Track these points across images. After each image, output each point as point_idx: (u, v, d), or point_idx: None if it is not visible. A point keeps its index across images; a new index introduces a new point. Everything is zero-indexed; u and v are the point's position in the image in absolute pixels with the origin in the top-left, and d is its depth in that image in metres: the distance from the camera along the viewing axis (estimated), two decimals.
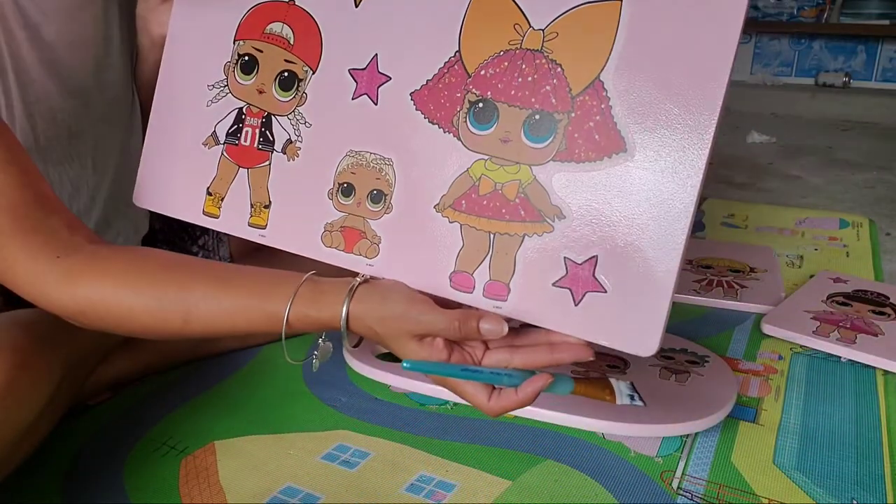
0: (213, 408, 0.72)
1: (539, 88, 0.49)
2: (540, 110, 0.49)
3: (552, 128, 0.48)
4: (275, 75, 0.59)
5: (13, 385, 0.55)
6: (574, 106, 0.48)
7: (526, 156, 0.49)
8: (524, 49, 0.49)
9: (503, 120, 0.50)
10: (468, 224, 0.51)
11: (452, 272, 0.52)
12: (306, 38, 0.58)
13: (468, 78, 0.51)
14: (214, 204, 0.62)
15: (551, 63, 0.48)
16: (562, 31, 0.48)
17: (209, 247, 0.90)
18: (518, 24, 0.49)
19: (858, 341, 0.83)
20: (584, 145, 0.48)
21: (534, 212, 0.49)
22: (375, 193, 0.55)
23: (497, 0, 0.50)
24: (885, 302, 0.94)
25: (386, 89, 0.54)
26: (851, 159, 1.79)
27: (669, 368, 0.75)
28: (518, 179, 0.50)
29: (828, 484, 0.61)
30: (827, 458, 0.65)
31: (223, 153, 0.62)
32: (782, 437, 0.68)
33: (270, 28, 0.59)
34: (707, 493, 0.61)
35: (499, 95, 0.50)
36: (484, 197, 0.51)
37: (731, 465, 0.64)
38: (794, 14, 2.53)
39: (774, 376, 0.78)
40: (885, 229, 1.29)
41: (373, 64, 0.55)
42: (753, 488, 0.61)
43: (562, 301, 0.48)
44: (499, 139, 0.50)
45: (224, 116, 0.62)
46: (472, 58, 0.51)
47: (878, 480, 0.62)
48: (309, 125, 0.58)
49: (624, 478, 0.61)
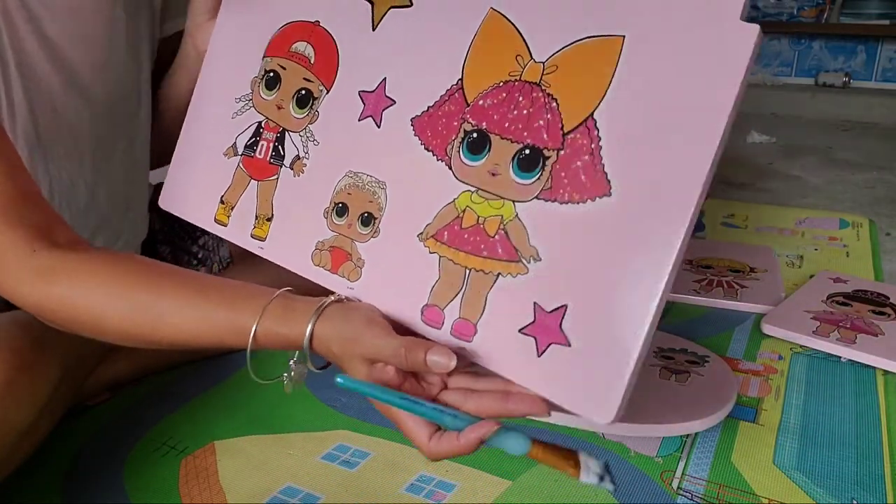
0: (213, 408, 0.73)
1: (533, 122, 0.48)
2: (531, 145, 0.48)
3: (540, 164, 0.47)
4: (293, 92, 0.60)
5: (12, 385, 0.55)
6: (565, 143, 0.46)
7: (512, 191, 0.48)
8: (523, 81, 0.48)
9: (494, 152, 0.49)
10: (447, 257, 0.50)
11: (425, 305, 0.51)
12: (325, 57, 0.59)
13: (467, 107, 0.50)
14: (225, 212, 0.64)
15: (547, 97, 0.47)
16: (562, 64, 0.47)
17: (209, 247, 0.90)
18: (520, 55, 0.49)
19: (858, 341, 0.83)
20: (570, 185, 0.46)
21: (511, 250, 0.48)
22: (366, 216, 0.55)
23: (502, 30, 0.50)
24: (885, 302, 0.94)
25: (390, 113, 0.54)
26: (851, 159, 1.79)
27: (669, 368, 0.75)
28: (501, 215, 0.49)
29: (828, 484, 0.62)
30: (827, 458, 0.65)
31: (239, 164, 0.63)
32: (782, 437, 0.68)
33: (295, 47, 0.60)
34: (707, 493, 0.61)
35: (493, 127, 0.49)
36: (466, 230, 0.50)
37: (731, 465, 0.64)
38: (794, 14, 2.53)
39: (774, 376, 0.78)
40: (885, 229, 1.29)
41: (381, 87, 0.55)
42: (753, 488, 0.61)
43: (525, 350, 0.46)
44: (488, 171, 0.49)
45: (245, 129, 0.63)
46: (472, 87, 0.51)
47: (878, 480, 0.62)
48: (317, 143, 0.59)
49: (624, 478, 0.62)
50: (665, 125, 0.43)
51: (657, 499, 0.60)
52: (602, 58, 0.46)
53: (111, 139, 0.72)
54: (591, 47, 0.46)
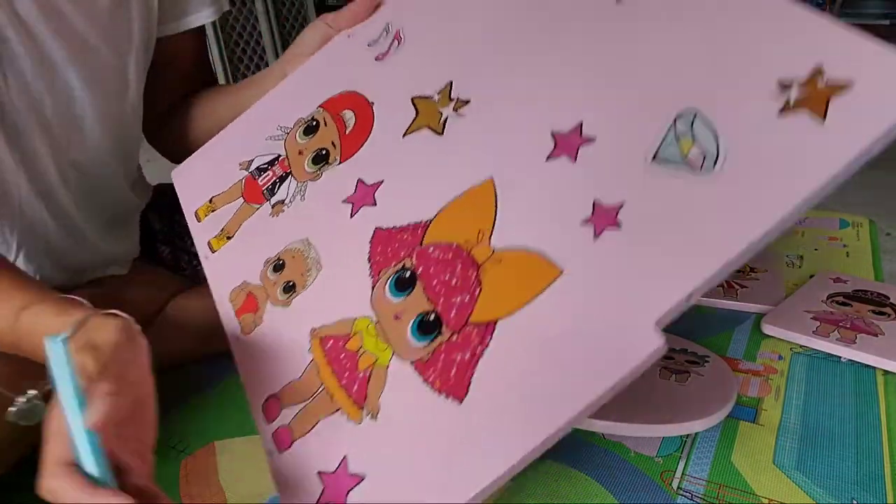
0: (213, 408, 0.72)
1: (452, 295, 0.47)
2: (438, 313, 0.47)
3: (434, 335, 0.47)
4: (316, 148, 0.62)
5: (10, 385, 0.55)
6: (462, 331, 0.46)
7: (400, 343, 0.48)
8: (470, 254, 0.48)
9: (411, 299, 0.49)
10: (316, 363, 0.50)
11: (273, 394, 0.51)
12: (356, 135, 0.60)
13: (419, 246, 0.50)
14: (206, 211, 0.66)
15: (477, 282, 0.47)
16: (506, 261, 0.47)
17: None
18: (483, 231, 0.48)
19: (858, 341, 0.83)
20: (440, 372, 0.45)
21: (363, 395, 0.48)
22: (291, 285, 0.55)
23: (484, 202, 0.49)
24: (885, 302, 0.94)
25: (366, 211, 0.55)
26: None
27: (669, 368, 0.75)
28: (377, 357, 0.48)
29: (828, 484, 0.61)
30: (827, 458, 0.65)
31: (243, 179, 0.65)
32: (782, 437, 0.68)
33: (345, 112, 0.62)
34: (707, 493, 0.61)
35: (424, 277, 0.49)
36: (345, 351, 0.50)
37: (731, 465, 0.64)
38: None
39: (774, 376, 0.78)
40: (885, 229, 1.29)
41: (374, 186, 0.56)
42: (753, 488, 0.61)
43: (309, 494, 0.46)
44: (394, 313, 0.49)
45: (267, 154, 0.65)
46: (434, 232, 0.51)
47: (878, 480, 0.62)
48: (303, 199, 0.60)
49: (624, 478, 0.61)
50: (541, 372, 0.42)
51: (657, 499, 0.60)
52: (537, 276, 0.45)
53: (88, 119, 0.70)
54: (535, 262, 0.45)
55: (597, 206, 0.44)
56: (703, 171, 0.42)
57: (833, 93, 0.41)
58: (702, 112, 0.44)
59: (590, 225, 0.44)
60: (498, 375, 0.43)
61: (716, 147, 0.42)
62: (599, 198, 0.44)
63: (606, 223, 0.44)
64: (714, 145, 0.42)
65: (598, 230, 0.44)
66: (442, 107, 0.56)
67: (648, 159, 0.44)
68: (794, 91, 0.42)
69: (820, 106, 0.41)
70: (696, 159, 0.42)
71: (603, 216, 0.44)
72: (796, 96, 0.42)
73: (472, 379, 0.44)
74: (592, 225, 0.44)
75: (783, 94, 0.42)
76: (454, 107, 0.55)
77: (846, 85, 0.41)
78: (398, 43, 0.63)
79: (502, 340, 0.44)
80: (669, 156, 0.44)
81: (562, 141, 0.48)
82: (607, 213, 0.44)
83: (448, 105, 0.55)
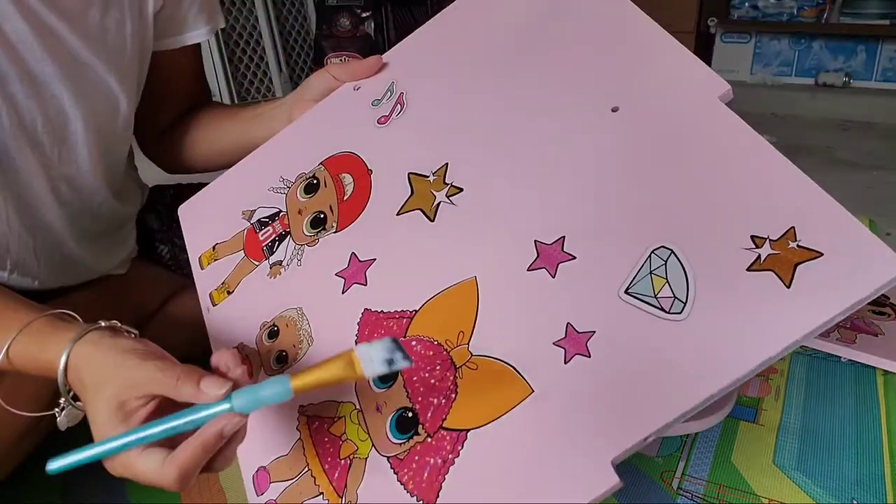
0: None
1: (431, 394, 0.49)
2: (416, 411, 0.49)
3: (411, 434, 0.48)
4: (315, 210, 0.62)
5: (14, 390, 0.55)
6: (436, 435, 0.47)
7: (379, 436, 0.50)
8: (449, 355, 0.49)
9: (391, 392, 0.50)
10: (303, 442, 0.52)
11: (262, 466, 0.53)
12: (353, 204, 0.61)
13: (403, 336, 0.52)
14: (209, 258, 0.67)
15: (453, 385, 0.48)
16: (482, 369, 0.48)
17: None
18: (463, 333, 0.50)
19: (858, 341, 0.83)
20: (413, 474, 0.47)
21: (342, 484, 0.49)
22: (283, 355, 0.57)
23: (467, 302, 0.51)
24: (885, 302, 0.94)
25: (357, 290, 0.56)
26: (851, 159, 1.79)
27: None
28: (357, 447, 0.50)
29: (828, 484, 0.62)
30: (827, 458, 0.65)
31: (245, 231, 0.66)
32: (782, 437, 0.68)
33: (344, 176, 0.62)
34: (707, 493, 0.61)
35: (405, 371, 0.50)
36: (329, 435, 0.52)
37: (731, 465, 0.64)
38: (794, 14, 2.52)
39: (774, 376, 0.78)
40: (885, 229, 1.29)
41: (367, 264, 0.57)
42: (753, 488, 0.61)
43: None
44: (376, 403, 0.50)
45: (269, 207, 0.66)
46: (418, 325, 0.52)
47: (878, 480, 0.62)
48: (299, 264, 0.60)
49: (624, 478, 0.61)
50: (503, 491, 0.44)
51: (657, 499, 0.60)
52: (509, 392, 0.46)
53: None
54: (508, 375, 0.47)
55: (569, 331, 0.46)
56: (671, 313, 0.44)
57: (801, 259, 0.42)
58: (678, 251, 0.46)
59: (561, 348, 0.46)
60: (466, 486, 0.45)
61: (685, 291, 0.44)
62: (572, 322, 0.47)
63: (576, 350, 0.46)
64: (684, 289, 0.44)
65: (568, 356, 0.46)
66: (436, 190, 0.57)
67: (622, 290, 0.46)
68: (765, 249, 0.44)
69: (787, 270, 0.42)
70: (667, 301, 0.45)
71: (574, 342, 0.46)
72: (766, 254, 0.43)
73: (443, 485, 0.46)
74: (564, 349, 0.46)
75: (755, 249, 0.44)
76: (447, 193, 0.56)
77: (816, 254, 0.42)
78: (401, 108, 0.64)
79: (472, 451, 0.46)
80: (642, 291, 0.46)
81: (544, 252, 0.50)
82: (578, 341, 0.46)
83: (442, 189, 0.57)
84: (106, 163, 0.74)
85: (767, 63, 2.66)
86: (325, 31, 2.54)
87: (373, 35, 2.52)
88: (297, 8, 2.63)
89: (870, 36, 2.45)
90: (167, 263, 0.91)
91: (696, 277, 0.44)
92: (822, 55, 2.56)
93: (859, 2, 2.42)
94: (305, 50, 2.67)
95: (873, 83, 2.49)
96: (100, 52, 0.67)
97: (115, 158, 0.76)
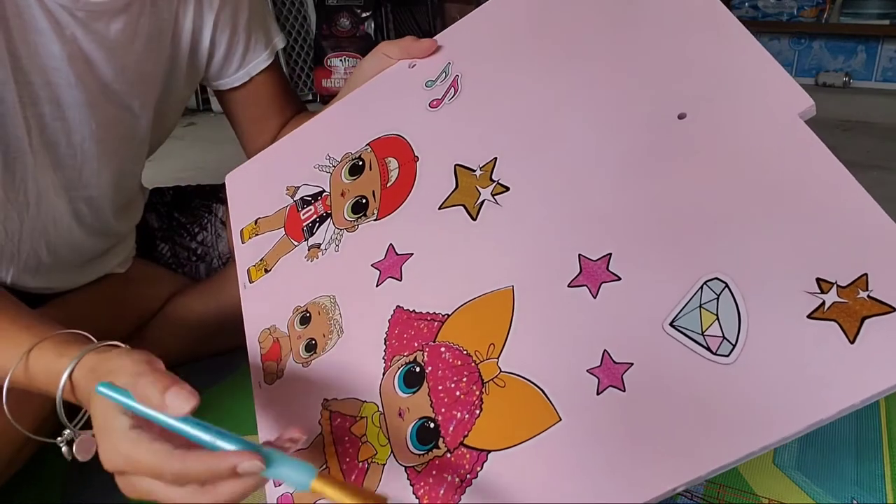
0: (214, 408, 0.73)
1: (454, 408, 0.46)
2: (438, 423, 0.47)
3: (431, 446, 0.46)
4: (358, 194, 0.60)
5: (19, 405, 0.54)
6: (456, 451, 0.45)
7: (399, 444, 0.48)
8: (478, 368, 0.47)
9: (415, 398, 0.48)
10: (324, 437, 0.51)
11: None
12: (396, 192, 0.58)
13: (433, 341, 0.49)
14: (250, 232, 0.65)
15: (479, 401, 0.46)
16: (510, 387, 0.45)
17: (208, 243, 0.91)
18: (494, 345, 0.47)
19: None
20: (430, 489, 0.45)
21: (359, 485, 0.48)
22: (313, 343, 0.55)
23: (500, 311, 0.48)
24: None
25: (390, 284, 0.54)
26: (851, 159, 1.78)
27: None
28: (377, 451, 0.48)
29: (828, 484, 0.62)
30: (827, 458, 0.65)
31: (288, 207, 0.64)
32: None
33: (389, 161, 0.60)
34: (707, 493, 0.61)
35: (432, 378, 0.48)
36: (350, 435, 0.50)
37: None
38: (794, 14, 2.53)
39: None
40: None
41: (403, 258, 0.54)
42: (753, 488, 0.61)
43: None
44: (399, 408, 0.48)
45: (313, 185, 0.64)
46: (449, 330, 0.49)
47: (878, 480, 0.62)
48: (337, 250, 0.58)
49: None
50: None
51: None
52: (536, 418, 0.43)
53: (105, 157, 0.71)
54: (536, 400, 0.44)
55: (605, 360, 0.43)
56: (718, 355, 0.40)
57: (870, 312, 0.37)
58: (732, 285, 0.41)
59: (595, 377, 0.43)
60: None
61: (736, 331, 0.40)
62: (610, 350, 0.43)
63: (610, 382, 0.42)
64: (735, 329, 0.40)
65: (601, 387, 0.42)
66: (482, 186, 0.54)
67: (667, 321, 0.42)
68: (830, 295, 0.39)
69: (853, 323, 0.38)
70: (714, 341, 0.40)
71: (609, 372, 0.43)
72: (832, 301, 0.38)
73: (460, 502, 0.44)
74: (597, 378, 0.43)
75: (820, 294, 0.39)
76: (493, 191, 0.53)
77: (888, 308, 0.37)
78: (455, 92, 0.60)
79: (491, 474, 0.44)
80: (688, 325, 0.42)
81: (588, 269, 0.46)
82: (614, 372, 0.43)
83: (488, 186, 0.54)
84: (121, 182, 0.75)
85: None
86: (325, 31, 2.54)
87: (373, 35, 2.51)
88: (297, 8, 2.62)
89: (870, 36, 2.46)
90: (167, 262, 0.91)
91: (749, 318, 0.40)
92: (822, 55, 2.57)
93: (859, 2, 2.42)
94: (305, 50, 2.67)
95: (873, 83, 2.50)
96: (132, 81, 0.68)
97: (130, 177, 0.78)
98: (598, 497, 0.40)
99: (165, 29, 0.71)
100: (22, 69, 0.59)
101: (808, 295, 0.39)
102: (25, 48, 0.59)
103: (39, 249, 0.68)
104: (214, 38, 0.77)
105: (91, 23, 0.62)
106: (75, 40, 0.62)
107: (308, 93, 2.67)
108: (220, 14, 0.76)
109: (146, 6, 0.67)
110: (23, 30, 0.58)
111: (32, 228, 0.66)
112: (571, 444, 0.42)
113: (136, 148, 0.76)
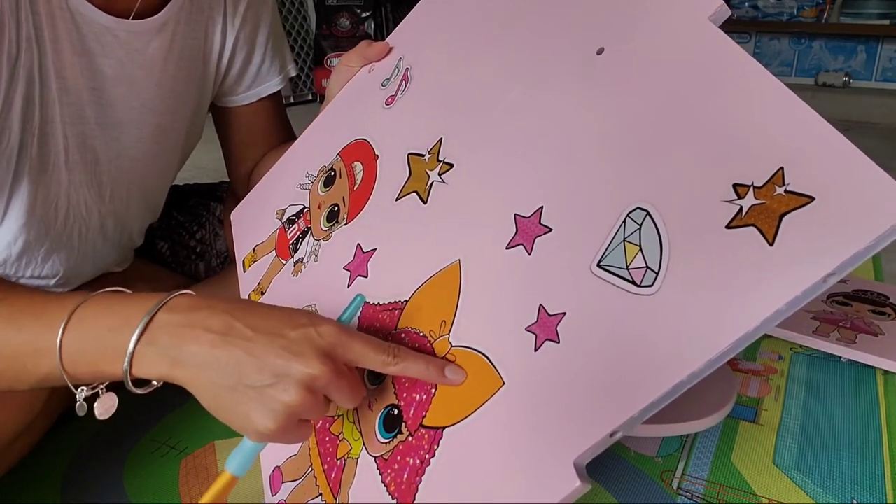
0: None
1: (414, 391, 0.46)
2: (401, 408, 0.46)
3: (395, 433, 0.46)
4: (331, 203, 0.62)
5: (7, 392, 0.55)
6: (416, 433, 0.45)
7: (370, 436, 0.48)
8: (432, 346, 0.46)
9: (381, 389, 0.49)
10: (309, 441, 0.52)
11: (277, 466, 0.53)
12: (361, 194, 0.60)
13: (395, 329, 0.50)
14: (250, 260, 0.68)
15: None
16: (460, 360, 0.45)
17: (207, 241, 0.91)
18: (445, 322, 0.47)
19: (858, 341, 0.83)
20: (395, 474, 0.45)
21: (337, 485, 0.48)
22: None
23: (449, 289, 0.48)
24: (885, 302, 0.94)
25: (360, 283, 0.55)
26: None
27: None
28: (351, 447, 0.49)
29: (828, 484, 0.61)
30: (827, 458, 0.65)
31: (277, 230, 0.67)
32: (782, 437, 0.68)
33: (354, 165, 0.62)
34: (707, 493, 0.61)
35: None
36: (329, 434, 0.51)
37: (731, 465, 0.64)
38: (794, 14, 2.53)
39: (774, 376, 0.78)
40: None
41: (368, 255, 0.55)
42: (753, 488, 0.61)
43: None
44: (368, 400, 0.49)
45: (296, 204, 0.66)
46: (407, 316, 0.49)
47: (878, 480, 0.62)
48: (316, 260, 0.60)
49: (624, 478, 0.61)
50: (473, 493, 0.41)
51: (657, 499, 0.60)
52: (482, 386, 0.42)
53: (131, 174, 0.73)
54: (482, 367, 0.43)
55: (541, 314, 0.42)
56: (643, 286, 0.38)
57: (788, 207, 0.34)
58: (654, 211, 0.39)
59: (532, 334, 0.42)
60: (439, 488, 0.43)
61: (658, 259, 0.38)
62: (544, 303, 0.42)
63: (546, 336, 0.41)
64: (657, 257, 0.38)
65: (538, 342, 0.41)
66: (430, 168, 0.54)
67: (595, 263, 0.41)
68: (747, 199, 0.36)
69: (770, 223, 0.35)
70: (638, 273, 0.39)
71: (544, 327, 0.41)
72: (749, 206, 0.36)
73: (419, 487, 0.43)
74: (534, 335, 0.42)
75: (738, 200, 0.36)
76: (439, 171, 0.53)
77: (806, 199, 0.34)
78: (405, 84, 0.61)
79: (446, 451, 0.43)
80: (614, 262, 0.40)
81: (522, 227, 0.46)
82: (548, 325, 0.41)
83: (435, 167, 0.54)
84: (149, 198, 0.78)
85: (767, 63, 2.65)
86: (325, 31, 2.54)
87: (373, 35, 2.52)
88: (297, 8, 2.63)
89: (870, 36, 2.45)
90: (167, 261, 0.91)
91: (670, 242, 0.38)
92: (822, 55, 2.57)
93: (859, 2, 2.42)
94: (305, 50, 2.67)
95: (873, 83, 2.49)
96: (168, 98, 0.71)
97: (158, 193, 0.81)
98: (543, 456, 0.38)
99: (197, 47, 0.74)
100: (67, 90, 0.61)
101: (726, 203, 0.36)
102: (72, 69, 0.61)
103: (59, 261, 0.68)
104: (234, 54, 0.79)
105: (131, 42, 0.64)
106: (118, 60, 0.64)
107: (308, 93, 2.67)
108: (240, 32, 0.78)
109: (180, 25, 0.69)
110: (71, 52, 0.60)
111: (57, 241, 0.66)
112: (515, 407, 0.41)
113: (167, 164, 0.78)
